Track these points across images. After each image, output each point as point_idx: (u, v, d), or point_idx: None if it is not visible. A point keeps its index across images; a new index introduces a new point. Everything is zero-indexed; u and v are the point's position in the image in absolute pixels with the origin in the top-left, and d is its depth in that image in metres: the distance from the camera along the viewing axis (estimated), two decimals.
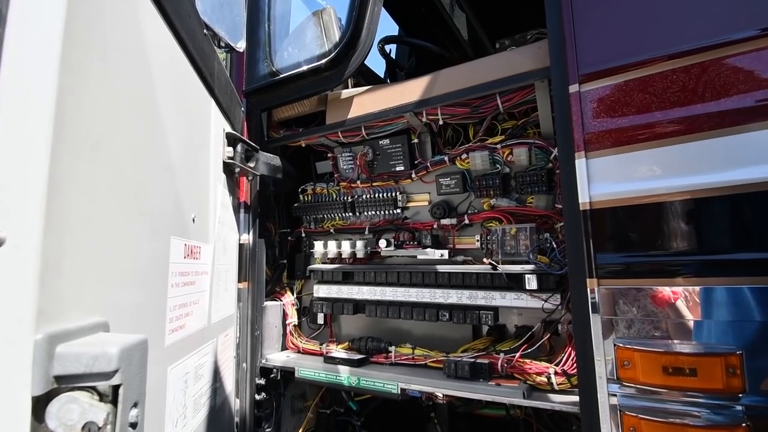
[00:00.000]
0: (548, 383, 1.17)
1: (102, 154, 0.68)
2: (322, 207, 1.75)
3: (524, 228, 1.32)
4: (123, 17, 0.76)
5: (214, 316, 1.27)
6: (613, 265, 0.98)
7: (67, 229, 0.58)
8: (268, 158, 1.59)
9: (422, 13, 2.80)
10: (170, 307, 0.95)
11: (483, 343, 1.41)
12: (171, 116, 0.96)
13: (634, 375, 0.93)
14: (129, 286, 0.77)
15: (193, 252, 1.09)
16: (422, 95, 1.41)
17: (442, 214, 1.51)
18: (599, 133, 1.01)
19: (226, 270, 1.43)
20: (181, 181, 1.03)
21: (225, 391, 1.38)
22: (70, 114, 0.59)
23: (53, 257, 0.55)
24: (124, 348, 0.55)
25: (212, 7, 1.34)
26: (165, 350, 0.92)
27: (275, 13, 1.76)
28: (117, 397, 0.53)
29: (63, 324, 0.55)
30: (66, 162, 0.58)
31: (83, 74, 0.63)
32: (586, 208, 1.01)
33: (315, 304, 1.69)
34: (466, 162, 1.45)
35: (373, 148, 1.64)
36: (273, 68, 1.68)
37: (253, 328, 1.58)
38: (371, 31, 1.51)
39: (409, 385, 1.34)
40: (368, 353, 1.53)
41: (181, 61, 1.05)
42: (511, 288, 1.30)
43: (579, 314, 1.02)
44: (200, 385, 1.15)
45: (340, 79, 1.54)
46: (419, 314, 1.45)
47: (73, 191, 0.59)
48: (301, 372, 1.52)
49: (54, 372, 0.51)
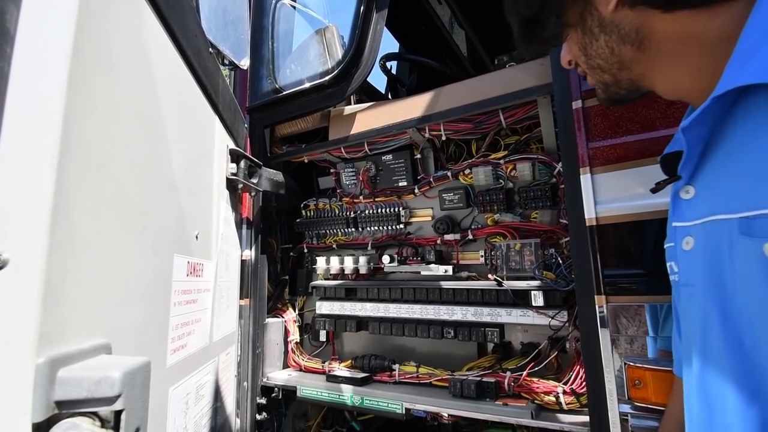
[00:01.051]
0: (557, 403, 1.15)
1: (107, 172, 0.67)
2: (324, 222, 1.74)
3: (529, 243, 1.31)
4: (130, 36, 0.77)
5: (216, 334, 1.26)
6: (621, 281, 0.97)
7: (70, 250, 0.57)
8: (271, 174, 1.59)
9: (422, 31, 2.84)
10: (172, 326, 0.93)
11: (489, 361, 1.38)
12: (176, 134, 0.96)
13: (645, 395, 0.91)
14: (131, 305, 0.75)
15: (195, 269, 1.08)
16: (425, 111, 1.42)
17: (445, 230, 1.50)
18: (604, 148, 1.01)
19: (228, 287, 1.41)
20: (185, 198, 1.02)
21: (226, 412, 1.36)
22: (76, 134, 0.59)
23: (56, 278, 0.54)
24: (126, 372, 0.53)
25: (217, 25, 1.35)
26: (167, 371, 0.91)
27: (279, 31, 1.79)
28: (119, 423, 0.52)
29: (65, 347, 0.54)
30: (71, 182, 0.57)
31: (90, 93, 0.63)
32: (593, 223, 1.00)
33: (317, 321, 1.67)
34: (469, 177, 1.45)
35: (375, 164, 1.64)
36: (276, 85, 1.70)
37: (255, 345, 1.56)
38: (373, 48, 1.53)
39: (414, 404, 1.31)
40: (372, 371, 1.50)
41: (186, 79, 1.05)
42: (517, 304, 1.29)
43: (587, 332, 1.00)
44: (201, 406, 1.13)
45: (342, 95, 1.55)
46: (423, 331, 1.43)
47: (77, 211, 0.59)
48: (303, 391, 1.50)
49: (55, 397, 0.50)
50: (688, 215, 0.58)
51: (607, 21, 0.61)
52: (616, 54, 0.63)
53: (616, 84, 0.68)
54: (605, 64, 0.65)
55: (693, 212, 0.57)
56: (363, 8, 1.50)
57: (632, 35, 0.60)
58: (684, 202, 0.59)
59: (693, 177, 0.58)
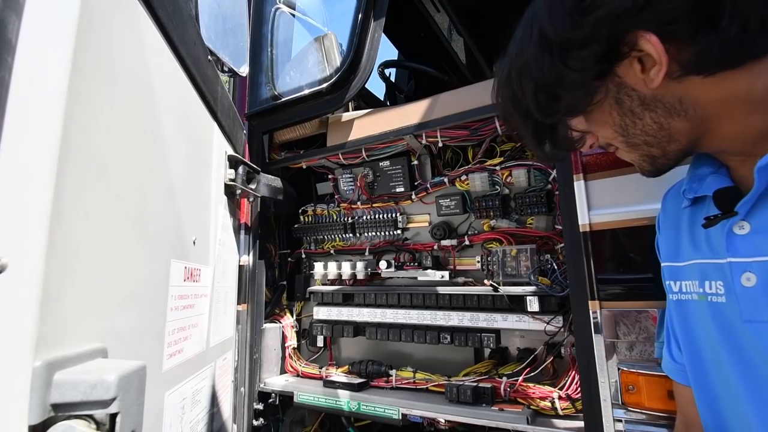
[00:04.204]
0: (552, 408, 1.15)
1: (106, 179, 0.68)
2: (322, 228, 1.75)
3: (525, 249, 1.32)
4: (130, 45, 0.78)
5: (213, 340, 1.26)
6: (614, 287, 0.98)
7: (68, 255, 0.58)
8: (269, 180, 1.61)
9: (421, 38, 2.87)
10: (169, 331, 0.94)
11: (485, 366, 1.39)
12: (175, 140, 0.98)
13: (639, 400, 0.92)
14: (128, 310, 0.76)
15: (193, 275, 1.09)
16: (422, 118, 1.43)
17: (442, 235, 1.51)
18: (597, 155, 1.02)
19: (226, 292, 1.42)
20: (183, 203, 1.03)
21: (222, 417, 1.36)
22: (76, 140, 0.60)
23: (54, 283, 0.54)
24: (122, 375, 0.54)
25: (217, 33, 1.37)
26: (163, 375, 0.91)
27: (278, 38, 1.81)
28: (114, 426, 0.52)
29: (61, 350, 0.54)
30: (69, 188, 0.58)
31: (90, 101, 0.64)
32: (586, 229, 1.01)
33: (315, 327, 1.68)
34: (466, 183, 1.46)
35: (373, 170, 1.66)
36: (275, 92, 1.72)
37: (252, 350, 1.56)
38: (372, 56, 1.55)
39: (411, 410, 1.31)
40: (369, 377, 1.51)
41: (185, 87, 1.07)
42: (513, 310, 1.29)
43: (582, 337, 1.01)
44: (197, 411, 1.13)
45: (341, 102, 1.56)
46: (420, 337, 1.44)
47: (75, 217, 0.60)
48: (300, 396, 1.50)
49: (51, 400, 0.50)
50: (744, 251, 0.59)
51: (649, 98, 0.60)
52: (665, 128, 0.61)
53: (665, 156, 0.65)
54: (653, 139, 0.63)
55: (751, 249, 0.58)
56: (361, 16, 1.52)
57: (677, 106, 0.59)
58: (739, 238, 0.60)
59: (749, 214, 0.59)
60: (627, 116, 0.63)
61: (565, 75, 0.61)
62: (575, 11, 0.58)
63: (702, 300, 0.67)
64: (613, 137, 0.68)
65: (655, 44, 0.54)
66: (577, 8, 0.58)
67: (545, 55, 0.62)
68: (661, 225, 0.82)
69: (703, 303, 0.66)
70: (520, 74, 0.66)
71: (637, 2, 0.54)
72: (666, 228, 0.79)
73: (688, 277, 0.70)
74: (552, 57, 0.61)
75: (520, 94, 0.67)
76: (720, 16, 0.52)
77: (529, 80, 0.65)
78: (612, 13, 0.55)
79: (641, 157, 0.68)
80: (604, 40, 0.57)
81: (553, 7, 0.61)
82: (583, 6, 0.57)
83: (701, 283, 0.67)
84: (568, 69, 0.60)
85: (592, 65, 0.60)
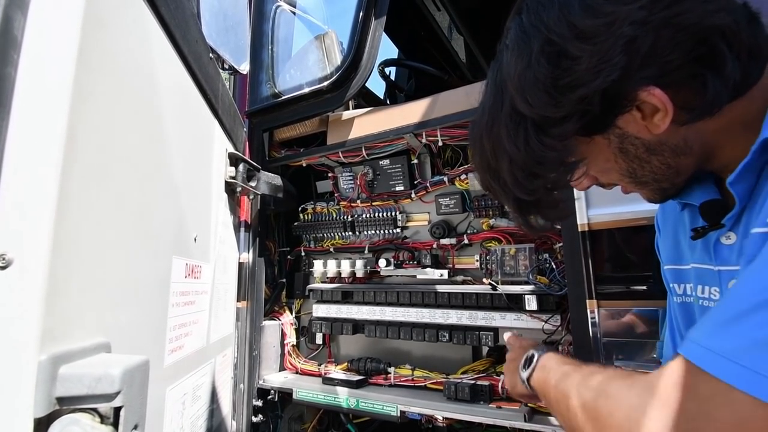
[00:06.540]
0: None
1: (109, 176, 0.69)
2: (322, 226, 1.76)
3: (523, 248, 1.33)
4: (133, 42, 0.79)
5: (213, 336, 1.27)
6: (612, 286, 0.99)
7: (72, 251, 0.58)
8: (269, 178, 1.61)
9: (421, 37, 2.87)
10: (170, 326, 0.94)
11: (483, 364, 1.40)
12: (176, 138, 0.98)
13: None
14: (131, 306, 0.77)
15: (194, 271, 1.09)
16: (422, 117, 1.44)
17: (441, 234, 1.52)
18: None
19: (226, 289, 1.43)
20: (185, 201, 1.04)
21: (222, 413, 1.36)
22: (80, 137, 0.60)
23: (58, 278, 0.55)
24: (126, 369, 0.55)
25: (218, 31, 1.37)
26: (164, 370, 0.92)
27: (278, 36, 1.81)
28: (118, 419, 0.53)
29: (66, 345, 0.55)
30: (74, 185, 0.59)
31: (94, 98, 0.64)
32: (585, 229, 1.02)
33: (314, 324, 1.68)
34: (465, 182, 1.47)
35: (373, 168, 1.66)
36: (275, 90, 1.72)
37: (251, 347, 1.57)
38: (372, 54, 1.55)
39: (409, 407, 1.32)
40: (367, 374, 1.51)
41: (186, 84, 1.07)
42: (511, 309, 1.30)
43: (579, 335, 1.02)
44: (198, 407, 1.14)
45: (341, 100, 1.57)
46: (419, 335, 1.45)
47: (79, 213, 0.60)
48: (299, 393, 1.50)
49: (56, 393, 0.51)
50: (732, 260, 0.60)
51: (654, 143, 0.59)
52: (673, 167, 0.61)
53: (674, 186, 0.66)
54: (662, 176, 0.63)
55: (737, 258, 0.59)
56: (362, 14, 1.53)
57: (682, 146, 0.59)
58: (726, 248, 0.61)
59: (734, 225, 0.60)
60: (634, 162, 0.62)
61: (543, 154, 0.57)
62: (553, 89, 0.54)
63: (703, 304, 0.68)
64: (620, 179, 0.67)
65: (659, 96, 0.53)
66: (555, 86, 0.54)
67: (519, 131, 0.58)
68: (660, 226, 0.82)
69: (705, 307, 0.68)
70: (494, 148, 0.62)
71: (632, 64, 0.51)
72: (665, 229, 0.80)
73: (690, 280, 0.72)
74: (527, 134, 0.57)
75: (495, 166, 0.63)
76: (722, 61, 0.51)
77: (504, 156, 0.61)
78: (597, 88, 0.52)
79: (651, 192, 0.68)
80: (591, 112, 0.55)
81: (526, 83, 0.56)
82: (561, 84, 0.54)
83: (702, 289, 0.68)
84: (546, 148, 0.57)
85: (571, 141, 0.57)
